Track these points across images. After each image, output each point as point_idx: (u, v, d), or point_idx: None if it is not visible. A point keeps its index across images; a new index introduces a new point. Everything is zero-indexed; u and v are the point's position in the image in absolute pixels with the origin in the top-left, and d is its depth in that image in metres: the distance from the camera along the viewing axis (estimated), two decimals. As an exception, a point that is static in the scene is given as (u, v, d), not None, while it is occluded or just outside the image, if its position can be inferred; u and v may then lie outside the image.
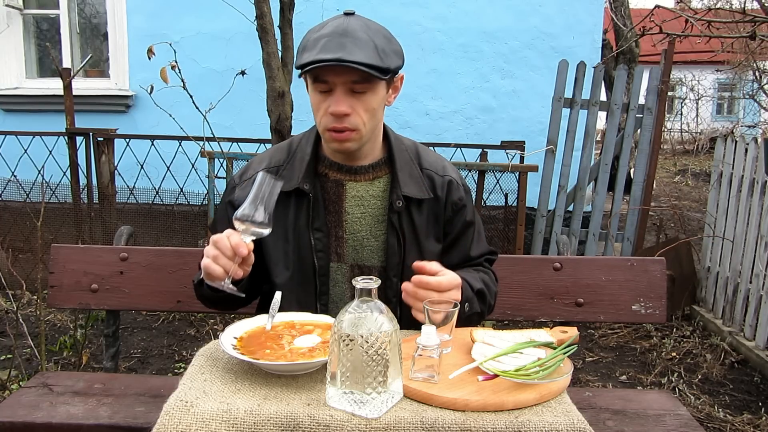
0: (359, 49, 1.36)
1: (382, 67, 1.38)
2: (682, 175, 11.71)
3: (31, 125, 4.96)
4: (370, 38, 1.39)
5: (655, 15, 4.34)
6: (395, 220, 1.53)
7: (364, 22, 1.43)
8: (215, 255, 1.30)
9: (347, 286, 1.56)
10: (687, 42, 5.72)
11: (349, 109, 1.42)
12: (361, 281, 1.08)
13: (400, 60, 1.46)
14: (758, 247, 3.65)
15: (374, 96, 1.44)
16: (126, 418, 1.61)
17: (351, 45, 1.36)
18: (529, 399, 1.11)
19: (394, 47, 1.45)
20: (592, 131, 4.43)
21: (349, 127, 1.43)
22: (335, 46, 1.36)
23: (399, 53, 1.46)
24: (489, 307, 1.61)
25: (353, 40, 1.37)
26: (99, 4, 5.61)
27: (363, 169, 1.56)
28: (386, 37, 1.44)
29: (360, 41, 1.37)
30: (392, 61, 1.42)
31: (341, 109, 1.41)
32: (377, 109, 1.47)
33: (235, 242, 1.29)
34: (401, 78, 1.53)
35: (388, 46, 1.42)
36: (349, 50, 1.35)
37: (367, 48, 1.37)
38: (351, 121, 1.43)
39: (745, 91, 13.55)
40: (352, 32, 1.38)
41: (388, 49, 1.42)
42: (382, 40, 1.42)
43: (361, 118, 1.44)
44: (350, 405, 1.06)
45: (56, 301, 2.02)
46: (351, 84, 1.40)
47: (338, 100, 1.41)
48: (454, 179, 1.61)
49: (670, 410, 1.70)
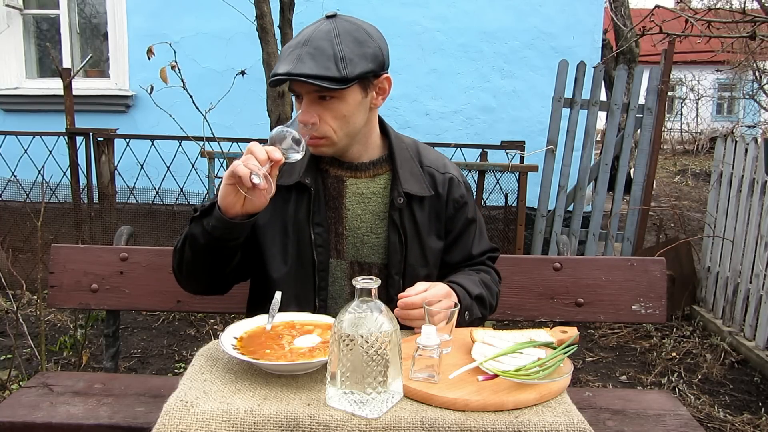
0: (313, 60, 1.35)
1: (338, 77, 1.36)
2: (682, 175, 11.71)
3: (31, 125, 4.96)
4: (331, 46, 1.37)
5: (655, 15, 4.34)
6: (396, 217, 1.53)
7: (335, 27, 1.40)
8: (246, 158, 1.28)
9: (346, 282, 1.56)
10: (687, 42, 5.72)
11: (315, 118, 1.42)
12: (361, 281, 1.08)
13: (371, 63, 1.41)
14: (758, 247, 3.65)
15: (343, 103, 1.42)
16: (126, 418, 1.61)
17: (306, 56, 1.36)
18: (529, 399, 1.11)
19: (365, 50, 1.40)
20: (592, 131, 4.43)
21: (316, 135, 1.44)
22: (293, 58, 1.37)
23: (371, 56, 1.41)
24: (491, 308, 1.62)
25: (311, 51, 1.36)
26: (99, 4, 5.61)
27: (363, 166, 1.56)
28: (357, 41, 1.40)
29: (317, 51, 1.36)
30: (356, 67, 1.37)
31: (306, 119, 1.42)
32: (350, 115, 1.45)
33: (269, 148, 1.30)
34: (387, 79, 1.49)
35: (355, 51, 1.38)
36: (303, 62, 1.35)
37: (322, 58, 1.36)
38: (319, 129, 1.44)
39: (745, 91, 13.55)
40: (314, 41, 1.38)
41: (354, 55, 1.38)
42: (350, 46, 1.38)
43: (329, 126, 1.44)
44: (350, 405, 1.06)
45: (56, 301, 2.02)
46: (315, 93, 1.41)
47: (304, 109, 1.42)
48: (455, 176, 1.61)
49: (670, 410, 1.70)
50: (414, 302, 1.35)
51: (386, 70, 1.48)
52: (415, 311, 1.35)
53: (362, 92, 1.45)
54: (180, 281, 1.56)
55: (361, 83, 1.42)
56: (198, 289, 1.59)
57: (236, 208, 1.34)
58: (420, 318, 1.34)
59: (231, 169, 1.28)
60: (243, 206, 1.33)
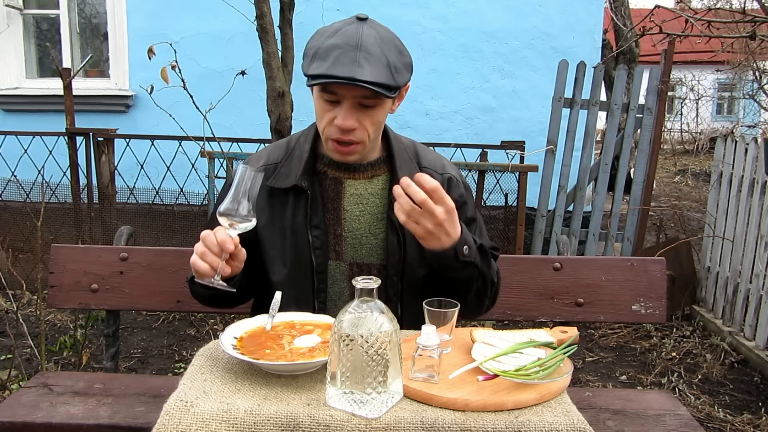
0: (372, 67, 1.34)
1: (393, 85, 1.37)
2: (682, 175, 11.71)
3: (31, 125, 4.96)
4: (383, 53, 1.37)
5: (655, 15, 4.34)
6: (395, 217, 1.53)
7: (377, 33, 1.40)
8: (202, 252, 1.30)
9: (346, 284, 1.56)
10: (687, 42, 5.73)
11: (356, 124, 1.42)
12: (361, 281, 1.08)
13: (409, 73, 1.45)
14: (758, 247, 3.65)
15: (381, 110, 1.44)
16: (126, 418, 1.61)
17: (364, 62, 1.34)
18: (529, 399, 1.11)
19: (405, 60, 1.43)
20: (592, 131, 4.43)
21: (354, 140, 1.44)
22: (348, 61, 1.34)
23: (409, 66, 1.45)
24: (492, 285, 1.56)
25: (367, 56, 1.35)
26: (99, 4, 5.61)
27: (362, 167, 1.56)
28: (398, 50, 1.42)
29: (373, 57, 1.35)
30: (403, 77, 1.41)
31: (348, 124, 1.41)
32: (382, 121, 1.48)
33: (221, 238, 1.29)
34: (407, 87, 1.50)
35: (400, 60, 1.40)
36: (362, 68, 1.33)
37: (380, 65, 1.36)
38: (357, 134, 1.43)
39: (745, 91, 13.55)
40: (366, 46, 1.36)
41: (400, 65, 1.40)
42: (395, 55, 1.40)
43: (366, 132, 1.44)
44: (350, 405, 1.06)
45: (56, 301, 2.02)
46: (360, 99, 1.39)
47: (346, 115, 1.40)
48: (454, 176, 1.61)
49: (670, 410, 1.70)
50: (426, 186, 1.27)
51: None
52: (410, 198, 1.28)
53: (392, 100, 1.46)
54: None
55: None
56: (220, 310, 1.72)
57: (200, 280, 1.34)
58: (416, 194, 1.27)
59: (192, 265, 1.31)
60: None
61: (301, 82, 1.51)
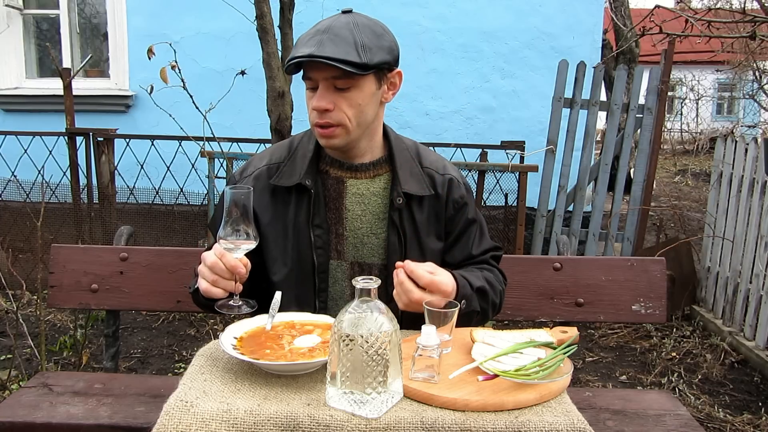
0: (335, 45, 1.37)
1: (358, 62, 1.37)
2: (682, 175, 11.71)
3: (31, 125, 4.96)
4: (351, 34, 1.39)
5: (655, 15, 4.34)
6: (396, 217, 1.53)
7: (353, 19, 1.43)
8: (214, 279, 1.32)
9: (347, 283, 1.56)
10: (687, 42, 5.72)
11: (330, 105, 1.42)
12: (361, 281, 1.08)
13: (387, 55, 1.44)
14: (758, 247, 3.65)
15: (359, 92, 1.43)
16: (126, 418, 1.61)
17: (328, 42, 1.37)
18: (529, 399, 1.11)
19: (382, 43, 1.43)
20: (592, 131, 4.43)
21: (331, 122, 1.44)
22: (313, 42, 1.38)
23: (388, 49, 1.44)
24: (494, 306, 1.60)
25: (331, 37, 1.38)
26: (99, 4, 5.61)
27: (364, 166, 1.57)
28: (375, 34, 1.43)
29: (338, 38, 1.38)
30: (375, 56, 1.40)
31: (321, 105, 1.42)
32: (364, 105, 1.46)
33: (231, 264, 1.31)
34: (399, 74, 1.51)
35: (374, 41, 1.41)
36: (324, 46, 1.37)
37: (344, 44, 1.38)
38: (333, 116, 1.44)
39: (745, 91, 13.55)
40: (334, 30, 1.40)
41: (373, 45, 1.41)
42: (368, 37, 1.41)
43: (344, 114, 1.44)
44: (350, 405, 1.06)
45: (56, 301, 2.02)
46: (332, 80, 1.41)
47: (319, 95, 1.43)
48: (455, 177, 1.62)
49: (670, 410, 1.70)
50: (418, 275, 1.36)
51: (398, 66, 1.50)
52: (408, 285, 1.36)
53: (376, 83, 1.46)
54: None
55: (377, 74, 1.45)
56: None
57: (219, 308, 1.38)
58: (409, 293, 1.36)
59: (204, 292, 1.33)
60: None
61: (301, 82, 1.51)
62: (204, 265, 1.34)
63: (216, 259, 1.32)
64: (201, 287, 1.34)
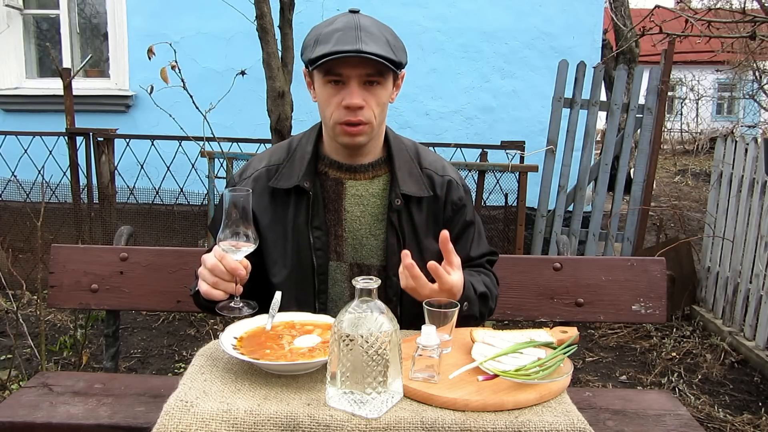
0: (374, 42, 1.40)
1: (395, 60, 1.42)
2: (682, 175, 11.70)
3: (31, 125, 4.96)
4: (381, 33, 1.44)
5: (655, 15, 4.35)
6: (395, 219, 1.53)
7: (372, 19, 1.47)
8: (214, 282, 1.33)
9: (346, 285, 1.56)
10: (687, 42, 5.73)
11: (363, 102, 1.44)
12: (361, 281, 1.08)
13: (405, 56, 1.50)
14: (758, 247, 3.65)
15: (384, 90, 1.47)
16: (126, 418, 1.61)
17: (367, 38, 1.40)
18: (529, 399, 1.11)
19: (400, 44, 1.49)
20: (592, 131, 4.43)
21: (363, 120, 1.45)
22: (352, 39, 1.39)
23: (405, 50, 1.51)
24: (490, 311, 1.61)
25: (368, 34, 1.41)
26: (99, 4, 5.61)
27: (363, 167, 1.56)
28: (393, 34, 1.49)
29: (374, 35, 1.41)
30: (402, 56, 1.47)
31: (356, 101, 1.42)
32: (386, 103, 1.50)
33: (231, 266, 1.31)
34: (403, 76, 1.55)
35: (396, 42, 1.47)
36: (366, 43, 1.39)
37: (381, 42, 1.41)
38: (365, 114, 1.45)
39: (745, 91, 13.55)
40: (366, 27, 1.42)
41: (397, 45, 1.47)
42: (392, 36, 1.47)
43: (372, 112, 1.46)
44: (350, 405, 1.06)
45: (56, 301, 2.02)
46: (365, 77, 1.43)
47: (353, 92, 1.43)
48: (454, 179, 1.61)
49: (670, 410, 1.70)
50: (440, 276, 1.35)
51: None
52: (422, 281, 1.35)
53: (392, 83, 1.50)
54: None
55: (394, 74, 1.48)
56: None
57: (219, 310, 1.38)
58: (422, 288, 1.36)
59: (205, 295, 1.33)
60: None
61: (301, 82, 1.52)
62: (204, 268, 1.34)
63: (216, 261, 1.32)
64: (201, 290, 1.34)
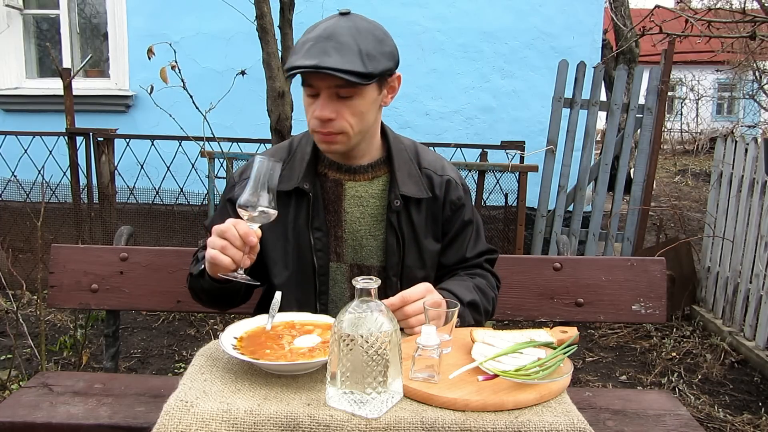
0: (340, 54, 1.34)
1: (364, 72, 1.35)
2: (682, 175, 11.70)
3: (31, 125, 4.96)
4: (355, 42, 1.36)
5: (655, 15, 4.35)
6: (394, 219, 1.53)
7: (354, 24, 1.39)
8: (223, 245, 1.29)
9: (347, 285, 1.56)
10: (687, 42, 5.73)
11: (333, 114, 1.41)
12: (361, 281, 1.08)
13: (390, 62, 1.42)
14: (758, 247, 3.65)
15: (362, 100, 1.41)
16: (126, 418, 1.61)
17: (333, 50, 1.34)
18: (529, 399, 1.11)
19: (384, 49, 1.41)
20: (592, 131, 4.43)
21: (333, 131, 1.43)
22: (317, 51, 1.35)
23: (390, 54, 1.42)
24: (486, 314, 1.60)
25: (336, 45, 1.35)
26: (99, 4, 5.61)
27: (362, 168, 1.56)
28: (377, 39, 1.40)
29: (343, 46, 1.35)
30: (379, 64, 1.38)
31: (324, 114, 1.40)
32: (366, 112, 1.44)
33: (243, 231, 1.28)
34: (398, 78, 1.50)
35: (376, 48, 1.39)
36: (330, 56, 1.33)
37: (349, 53, 1.34)
38: (335, 125, 1.42)
39: (745, 91, 13.55)
40: (338, 36, 1.36)
41: (376, 52, 1.38)
42: (371, 43, 1.38)
43: (347, 122, 1.42)
44: (350, 405, 1.06)
45: (56, 301, 2.02)
46: (335, 89, 1.39)
47: (322, 105, 1.40)
48: (453, 179, 1.61)
49: (670, 410, 1.70)
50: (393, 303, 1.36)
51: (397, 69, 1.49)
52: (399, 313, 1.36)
53: (378, 89, 1.45)
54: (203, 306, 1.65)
55: (379, 81, 1.43)
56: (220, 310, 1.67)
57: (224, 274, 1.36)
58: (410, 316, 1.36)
59: (212, 259, 1.30)
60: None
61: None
62: (215, 234, 1.31)
63: (229, 226, 1.30)
64: (208, 256, 1.31)
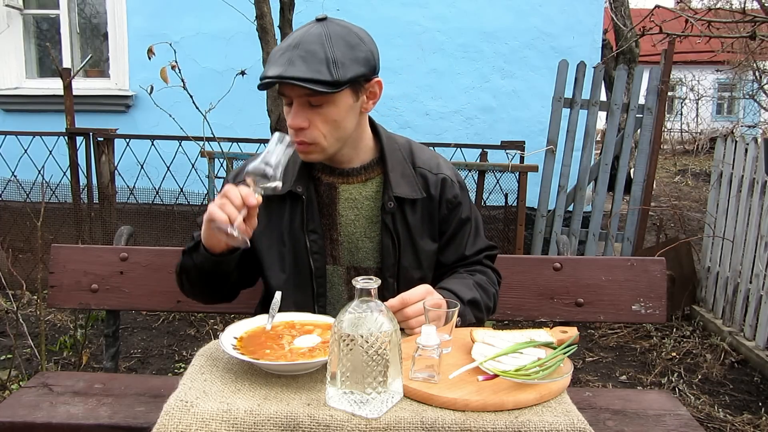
0: (305, 63, 1.33)
1: (330, 80, 1.33)
2: (682, 175, 11.70)
3: (31, 125, 4.95)
4: (323, 50, 1.34)
5: (655, 15, 4.35)
6: (389, 221, 1.52)
7: (326, 30, 1.37)
8: (222, 203, 1.28)
9: (344, 287, 1.56)
10: (687, 42, 5.73)
11: (305, 123, 1.40)
12: (361, 281, 1.08)
13: (363, 68, 1.39)
14: (758, 247, 3.65)
15: (334, 108, 1.39)
16: (126, 418, 1.61)
17: (298, 59, 1.33)
18: (529, 399, 1.11)
19: (357, 55, 1.37)
20: (592, 131, 4.43)
21: (305, 140, 1.42)
22: (284, 61, 1.34)
23: (363, 60, 1.39)
24: (488, 310, 1.60)
25: (302, 54, 1.34)
26: (99, 4, 5.61)
27: (355, 171, 1.55)
28: (349, 45, 1.37)
29: (309, 54, 1.34)
30: (348, 71, 1.35)
31: (296, 123, 1.40)
32: (341, 120, 1.42)
33: (245, 192, 1.28)
34: (378, 83, 1.46)
35: (347, 55, 1.36)
36: (294, 65, 1.33)
37: (315, 62, 1.33)
38: (308, 134, 1.41)
39: (745, 91, 13.55)
40: (306, 44, 1.35)
41: (346, 59, 1.35)
42: (342, 50, 1.36)
43: (319, 131, 1.41)
44: (350, 405, 1.06)
45: (56, 301, 2.02)
46: (306, 97, 1.38)
47: (294, 113, 1.40)
48: (448, 177, 1.59)
49: (670, 410, 1.70)
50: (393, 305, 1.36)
51: (377, 74, 1.45)
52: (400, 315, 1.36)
53: (353, 96, 1.42)
54: (187, 296, 1.63)
55: (353, 87, 1.40)
56: (206, 302, 1.64)
57: (220, 246, 1.38)
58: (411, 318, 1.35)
59: (210, 214, 1.29)
60: (226, 244, 1.38)
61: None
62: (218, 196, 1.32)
63: (232, 186, 1.30)
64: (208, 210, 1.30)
